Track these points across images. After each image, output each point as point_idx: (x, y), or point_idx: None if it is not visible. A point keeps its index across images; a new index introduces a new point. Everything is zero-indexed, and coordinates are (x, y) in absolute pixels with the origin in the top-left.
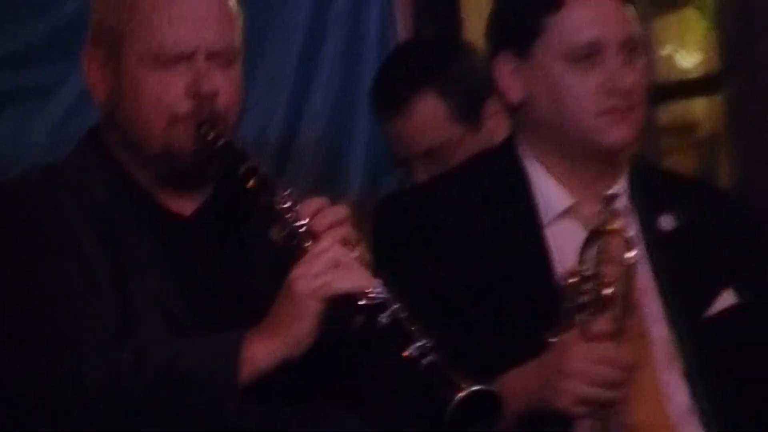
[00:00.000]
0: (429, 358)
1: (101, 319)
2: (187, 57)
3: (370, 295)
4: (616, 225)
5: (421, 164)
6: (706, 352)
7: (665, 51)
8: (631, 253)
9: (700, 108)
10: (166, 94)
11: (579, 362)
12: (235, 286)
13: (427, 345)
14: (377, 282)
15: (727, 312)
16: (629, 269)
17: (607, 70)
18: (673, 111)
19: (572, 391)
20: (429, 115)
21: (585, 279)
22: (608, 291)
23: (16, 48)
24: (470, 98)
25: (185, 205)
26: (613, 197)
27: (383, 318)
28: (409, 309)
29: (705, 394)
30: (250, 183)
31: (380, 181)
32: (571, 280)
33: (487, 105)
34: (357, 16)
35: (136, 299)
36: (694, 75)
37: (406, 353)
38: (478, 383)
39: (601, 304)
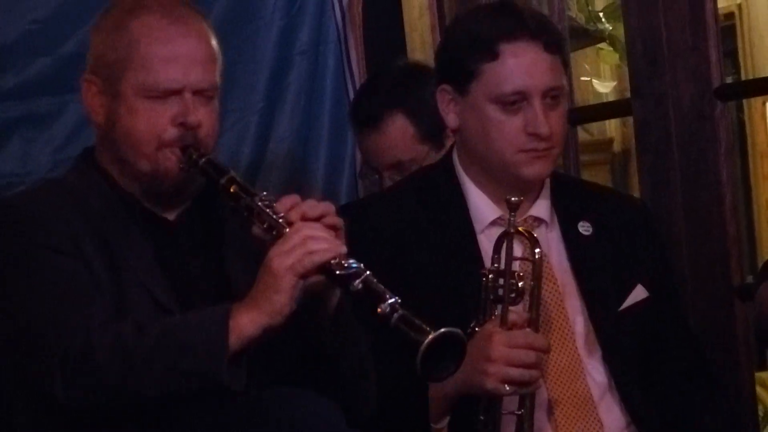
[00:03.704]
0: (399, 313)
1: (103, 303)
2: (176, 92)
3: (344, 265)
4: (522, 227)
5: (388, 174)
6: (621, 338)
7: (583, 78)
8: (537, 250)
9: (613, 128)
10: (156, 123)
11: (500, 348)
12: (213, 278)
13: (396, 302)
14: (345, 254)
15: (638, 305)
16: (537, 265)
17: (530, 115)
18: (591, 130)
19: (496, 373)
20: (399, 134)
21: (499, 274)
22: (520, 284)
23: (24, 80)
24: (435, 120)
25: (169, 213)
26: (518, 203)
27: (357, 284)
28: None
29: (621, 374)
30: (232, 189)
31: (338, 194)
32: (488, 276)
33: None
34: (317, 52)
35: (128, 290)
36: (608, 99)
37: (379, 310)
38: (444, 328)
39: (516, 296)
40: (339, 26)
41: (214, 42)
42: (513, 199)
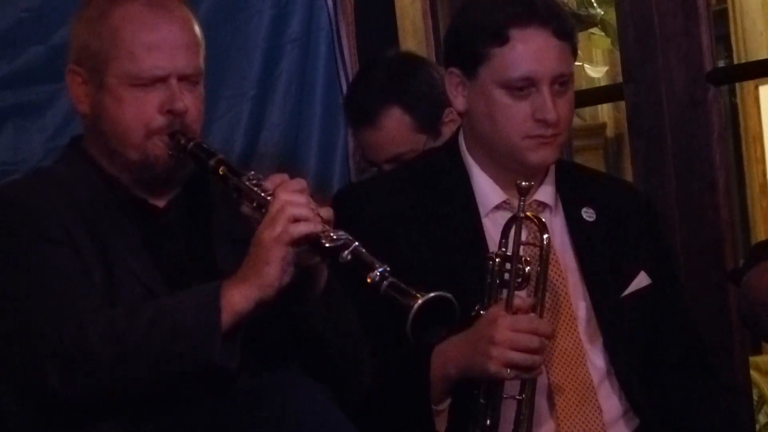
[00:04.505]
0: (389, 280)
1: (94, 291)
2: (162, 79)
3: (332, 237)
4: (530, 212)
5: (388, 167)
6: (622, 325)
7: (576, 63)
8: (545, 236)
9: (606, 113)
10: (143, 111)
11: (504, 331)
12: (202, 264)
13: (386, 270)
14: (332, 227)
15: (640, 291)
16: (544, 250)
17: (538, 101)
18: (583, 116)
19: (500, 356)
20: (396, 127)
21: (506, 259)
22: (527, 269)
23: (16, 69)
24: (430, 109)
25: (159, 199)
26: (528, 188)
27: (346, 255)
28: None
29: (621, 361)
30: (221, 171)
31: (331, 180)
32: (494, 260)
33: (445, 113)
34: (308, 40)
35: (119, 278)
36: (601, 84)
37: (369, 279)
38: (434, 292)
39: (521, 281)
40: (330, 14)
41: (196, 28)
42: (524, 183)
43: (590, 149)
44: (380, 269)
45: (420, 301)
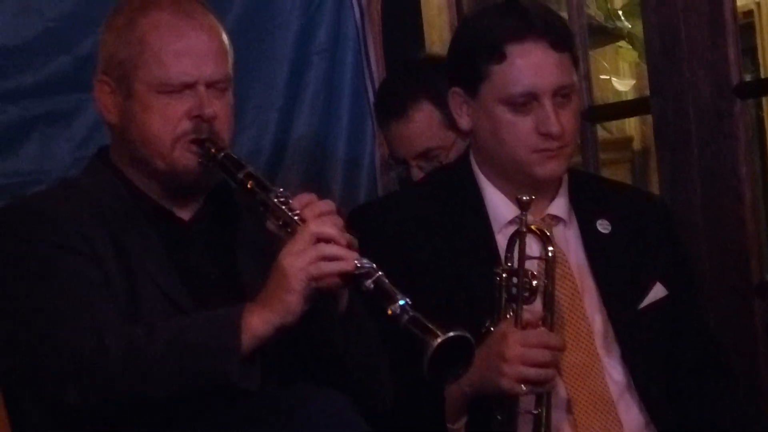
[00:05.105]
0: (410, 314)
1: (115, 303)
2: (190, 86)
3: (357, 266)
4: (536, 225)
5: (416, 163)
6: (640, 337)
7: (602, 76)
8: (550, 249)
9: (632, 126)
10: (171, 117)
11: (515, 347)
12: (226, 277)
13: (407, 303)
14: (357, 254)
15: (657, 303)
16: (550, 263)
17: (541, 115)
18: (610, 129)
19: (512, 372)
20: (426, 121)
21: (513, 273)
22: (534, 283)
23: (43, 78)
24: None
25: (184, 211)
26: (528, 202)
27: (368, 284)
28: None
29: (640, 373)
30: (249, 185)
31: (358, 191)
32: (501, 275)
33: None
34: (335, 50)
35: (142, 290)
36: (628, 97)
37: (389, 311)
38: (454, 330)
39: (529, 295)
40: (358, 25)
41: (224, 35)
42: (524, 198)
43: (617, 163)
44: (401, 301)
45: (439, 341)
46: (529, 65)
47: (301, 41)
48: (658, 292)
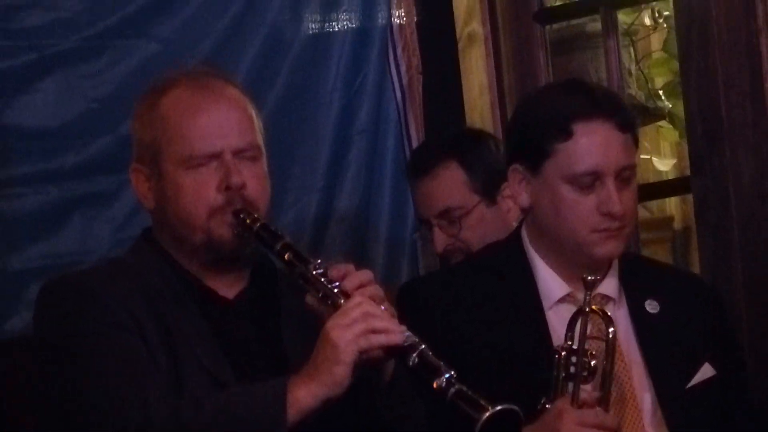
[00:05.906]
0: (456, 387)
1: (160, 376)
2: (216, 156)
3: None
4: (596, 306)
5: (437, 222)
6: (688, 417)
7: (643, 156)
8: (611, 330)
9: (673, 206)
10: (203, 191)
11: (570, 426)
12: (271, 355)
13: (452, 377)
14: (404, 328)
15: (705, 383)
16: (610, 343)
17: (603, 194)
18: (651, 208)
19: None
20: (450, 180)
21: (572, 352)
22: (593, 363)
23: (84, 159)
24: (489, 175)
25: (229, 290)
26: (594, 282)
27: (414, 358)
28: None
29: None
30: (286, 257)
31: (399, 275)
32: (561, 353)
33: (504, 187)
34: (376, 131)
35: (186, 368)
36: (668, 177)
37: (435, 385)
38: (501, 404)
39: (588, 374)
40: (399, 105)
41: (249, 105)
42: (589, 278)
43: (658, 242)
44: (447, 375)
45: (488, 414)
46: (596, 144)
47: (343, 121)
48: (706, 372)
